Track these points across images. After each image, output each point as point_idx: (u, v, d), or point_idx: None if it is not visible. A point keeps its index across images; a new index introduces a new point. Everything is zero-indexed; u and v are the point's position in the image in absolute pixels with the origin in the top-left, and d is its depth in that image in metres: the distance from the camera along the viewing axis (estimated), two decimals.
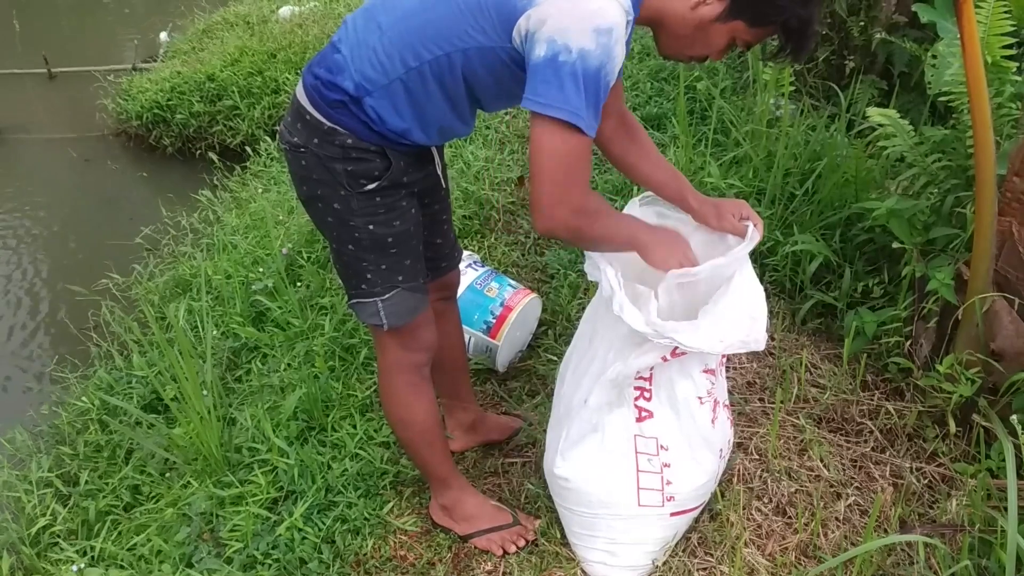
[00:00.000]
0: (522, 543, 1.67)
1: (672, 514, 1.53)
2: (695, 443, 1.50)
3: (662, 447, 1.49)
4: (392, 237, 1.40)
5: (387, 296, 1.44)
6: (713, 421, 1.51)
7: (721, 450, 1.57)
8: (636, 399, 1.47)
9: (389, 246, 1.41)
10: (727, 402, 1.60)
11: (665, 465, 1.50)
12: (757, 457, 1.81)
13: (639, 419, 1.48)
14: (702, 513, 1.67)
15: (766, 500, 1.71)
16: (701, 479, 1.53)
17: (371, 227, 1.38)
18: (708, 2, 1.24)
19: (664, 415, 1.48)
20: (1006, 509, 1.35)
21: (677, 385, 1.46)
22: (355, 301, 1.48)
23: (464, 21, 1.24)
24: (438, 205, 1.59)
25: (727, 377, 2.06)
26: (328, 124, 1.32)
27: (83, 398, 2.39)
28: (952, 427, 1.77)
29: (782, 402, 1.93)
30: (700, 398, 1.48)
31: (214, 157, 3.98)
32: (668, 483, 1.51)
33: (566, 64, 1.15)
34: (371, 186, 1.35)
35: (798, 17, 1.26)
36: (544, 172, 1.22)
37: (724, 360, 1.60)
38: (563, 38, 1.15)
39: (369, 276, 1.43)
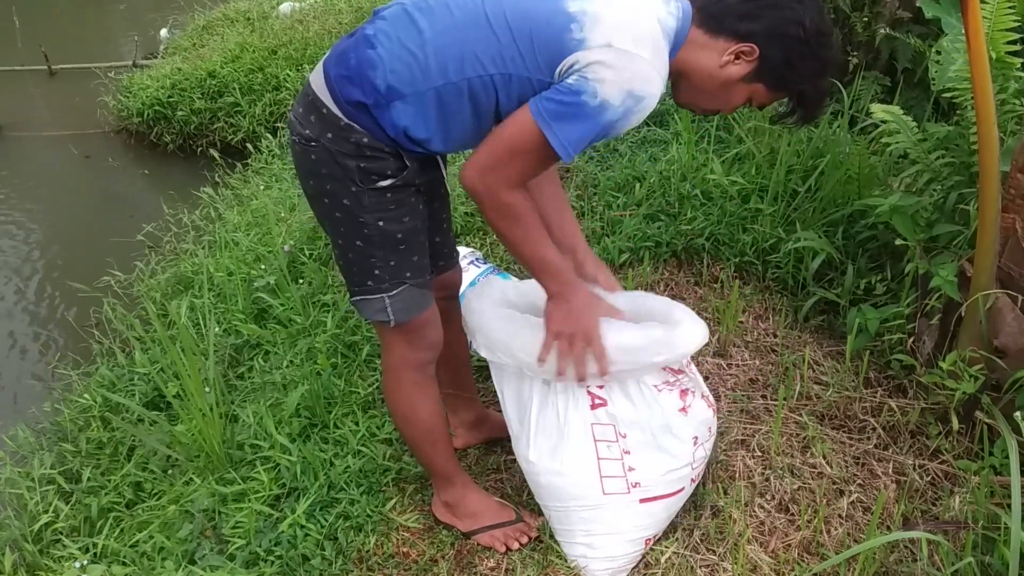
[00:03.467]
0: (525, 540, 1.67)
1: (641, 500, 1.53)
2: (656, 430, 1.50)
3: (620, 434, 1.50)
4: (402, 233, 1.40)
5: (395, 292, 1.44)
6: (684, 410, 1.51)
7: (696, 438, 1.55)
8: (588, 386, 1.50)
9: (399, 242, 1.41)
10: (705, 392, 1.60)
11: (625, 452, 1.50)
12: (760, 454, 1.81)
13: (593, 406, 1.49)
14: (695, 506, 1.67)
15: (769, 497, 1.71)
16: (668, 465, 1.52)
17: (381, 223, 1.37)
18: (736, 63, 1.31)
19: (618, 402, 1.49)
20: (1009, 506, 1.35)
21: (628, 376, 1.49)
22: (360, 298, 1.47)
23: (513, 49, 1.26)
24: (438, 203, 1.59)
25: (729, 374, 2.07)
26: (345, 120, 1.31)
27: (85, 395, 2.39)
28: (955, 424, 1.77)
29: (785, 399, 1.93)
30: (657, 386, 1.49)
31: (215, 154, 3.99)
32: (631, 469, 1.51)
33: (586, 106, 1.22)
34: (384, 183, 1.35)
35: (815, 88, 1.36)
36: (500, 142, 1.28)
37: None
38: (596, 82, 1.21)
39: (377, 272, 1.42)
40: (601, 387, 1.50)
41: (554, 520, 1.62)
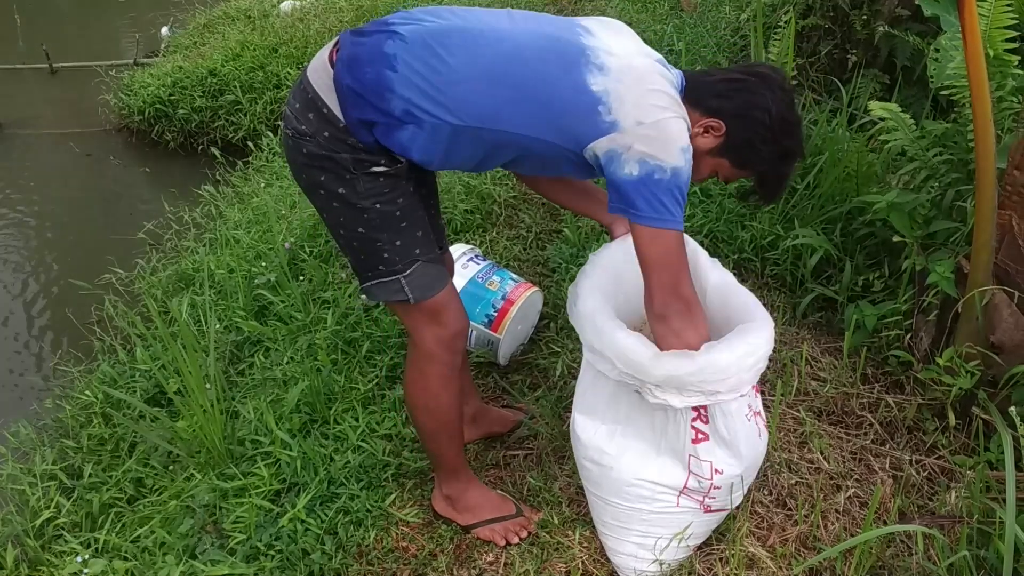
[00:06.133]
0: (524, 534, 1.68)
1: (707, 510, 1.54)
2: (749, 463, 1.50)
3: (716, 471, 1.48)
4: (400, 211, 1.42)
5: (409, 272, 1.45)
6: (760, 434, 1.52)
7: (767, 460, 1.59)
8: (693, 420, 1.47)
9: (399, 220, 1.42)
10: (760, 409, 1.59)
11: (715, 487, 1.50)
12: None
13: (695, 440, 1.48)
14: None
15: (766, 492, 1.72)
16: (743, 491, 1.55)
17: (379, 206, 1.40)
18: (704, 136, 1.40)
19: (720, 439, 1.47)
20: (1005, 501, 1.36)
21: (733, 405, 1.45)
22: (375, 282, 1.47)
23: (542, 117, 1.33)
24: (425, 189, 1.60)
25: None
26: (344, 122, 1.33)
27: (87, 392, 2.40)
28: (952, 420, 1.78)
29: (782, 395, 1.94)
30: (746, 415, 1.48)
31: (216, 152, 3.99)
32: (712, 497, 1.52)
33: (662, 181, 1.29)
34: (377, 169, 1.37)
35: (775, 172, 1.46)
36: (656, 271, 1.36)
37: None
38: (655, 159, 1.29)
39: (386, 255, 1.43)
40: (706, 421, 1.47)
41: (608, 514, 1.58)
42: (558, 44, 1.34)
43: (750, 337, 1.42)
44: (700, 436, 1.47)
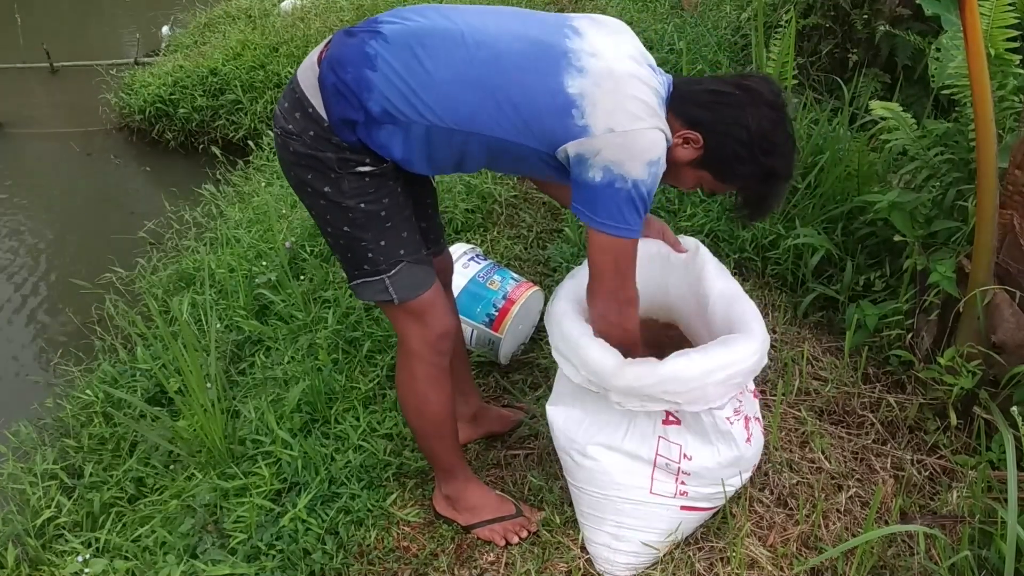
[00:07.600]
0: (525, 534, 1.67)
1: (682, 507, 1.54)
2: (724, 462, 1.49)
3: (685, 456, 1.49)
4: (385, 211, 1.42)
5: (394, 272, 1.45)
6: (749, 439, 1.51)
7: (755, 466, 1.58)
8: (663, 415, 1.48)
9: (383, 220, 1.42)
10: (758, 415, 1.58)
11: (685, 474, 1.50)
12: None
13: (665, 421, 1.48)
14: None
15: (768, 492, 1.72)
16: (719, 489, 1.54)
17: (363, 205, 1.40)
18: (684, 147, 1.39)
19: (691, 428, 1.47)
20: (1006, 500, 1.36)
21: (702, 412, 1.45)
22: (360, 281, 1.48)
23: (516, 119, 1.33)
24: (420, 187, 1.60)
25: None
26: (328, 122, 1.34)
27: (87, 391, 2.40)
28: (953, 419, 1.78)
29: (783, 394, 1.94)
30: (728, 418, 1.47)
31: (217, 151, 3.99)
32: (683, 483, 1.52)
33: (622, 191, 1.30)
34: (362, 169, 1.38)
35: (756, 192, 1.43)
36: (603, 273, 1.39)
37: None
38: (619, 169, 1.29)
39: (370, 255, 1.44)
40: (678, 422, 1.48)
41: (584, 503, 1.60)
42: (538, 48, 1.33)
43: (726, 351, 1.42)
44: (671, 419, 1.48)
